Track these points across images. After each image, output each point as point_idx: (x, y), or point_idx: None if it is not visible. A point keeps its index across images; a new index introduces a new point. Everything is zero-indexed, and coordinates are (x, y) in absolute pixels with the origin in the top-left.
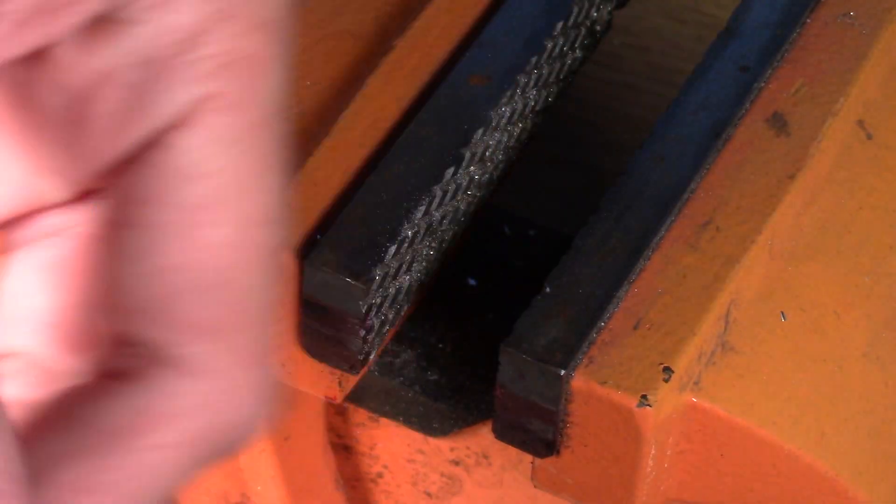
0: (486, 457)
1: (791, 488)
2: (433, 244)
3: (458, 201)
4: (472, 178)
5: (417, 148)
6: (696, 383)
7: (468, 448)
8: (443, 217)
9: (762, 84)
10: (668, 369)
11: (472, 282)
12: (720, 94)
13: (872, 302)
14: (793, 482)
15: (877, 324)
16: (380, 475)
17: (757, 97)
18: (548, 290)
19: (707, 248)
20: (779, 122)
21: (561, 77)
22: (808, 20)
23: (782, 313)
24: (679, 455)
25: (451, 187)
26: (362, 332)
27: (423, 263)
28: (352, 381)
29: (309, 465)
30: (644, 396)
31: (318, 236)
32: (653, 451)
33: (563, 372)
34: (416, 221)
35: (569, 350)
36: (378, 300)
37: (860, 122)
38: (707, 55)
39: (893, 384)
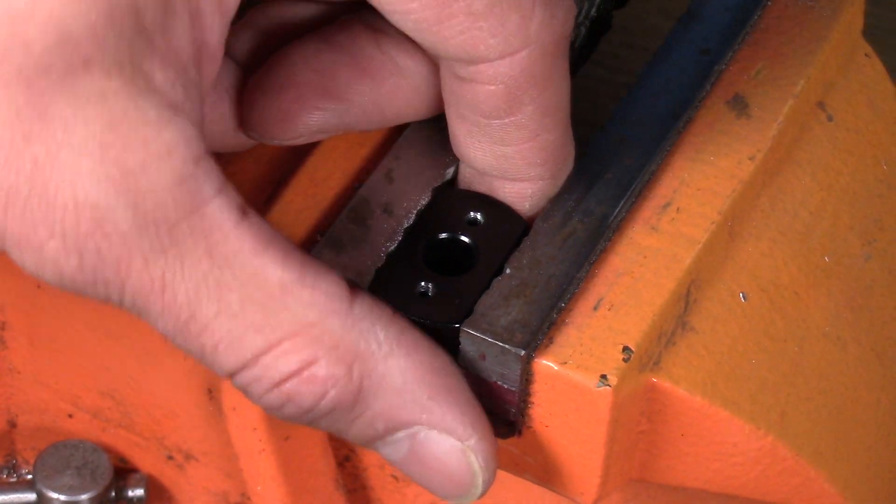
0: None
1: (751, 467)
2: None
3: None
4: None
5: (418, 147)
6: (655, 363)
7: None
8: None
9: (723, 66)
10: (627, 349)
11: None
12: (681, 77)
13: (832, 282)
14: (753, 461)
15: (837, 304)
16: (347, 459)
17: (718, 79)
18: (508, 271)
19: (667, 230)
20: (739, 104)
21: None
22: (769, 3)
23: (742, 294)
24: (640, 435)
25: None
26: None
27: None
28: None
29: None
30: (604, 376)
31: (319, 236)
32: (613, 432)
33: (523, 352)
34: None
35: (529, 331)
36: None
37: (820, 104)
38: (669, 38)
39: (853, 364)
